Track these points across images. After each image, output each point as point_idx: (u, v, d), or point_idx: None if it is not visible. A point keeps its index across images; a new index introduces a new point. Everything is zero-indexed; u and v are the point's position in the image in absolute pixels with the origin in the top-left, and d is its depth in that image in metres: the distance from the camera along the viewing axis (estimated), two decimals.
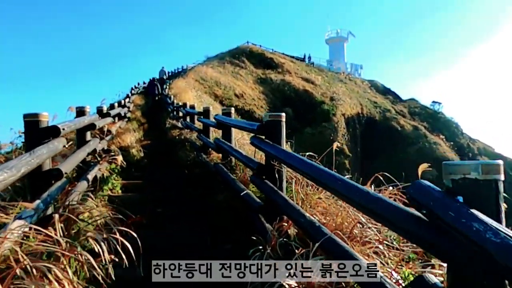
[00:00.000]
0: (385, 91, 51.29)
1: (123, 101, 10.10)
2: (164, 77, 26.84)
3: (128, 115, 11.71)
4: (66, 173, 2.90)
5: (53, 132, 2.71)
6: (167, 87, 21.23)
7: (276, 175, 2.97)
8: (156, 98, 19.32)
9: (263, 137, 3.14)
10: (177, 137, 8.57)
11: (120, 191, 4.70)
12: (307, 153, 3.43)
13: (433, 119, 46.22)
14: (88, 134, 4.28)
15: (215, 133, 6.11)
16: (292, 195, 2.98)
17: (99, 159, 4.66)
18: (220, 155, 4.97)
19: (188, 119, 8.24)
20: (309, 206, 2.82)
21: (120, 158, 4.88)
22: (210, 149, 5.66)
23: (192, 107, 7.98)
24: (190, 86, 23.20)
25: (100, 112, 5.95)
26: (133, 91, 18.52)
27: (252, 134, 3.60)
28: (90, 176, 3.82)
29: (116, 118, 7.87)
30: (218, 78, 27.93)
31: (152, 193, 4.67)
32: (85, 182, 3.46)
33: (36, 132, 2.59)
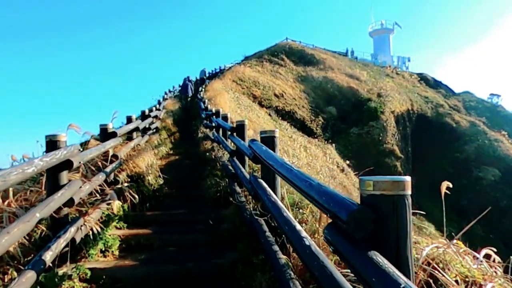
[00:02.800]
0: (436, 85, 47.56)
1: (147, 111, 8.83)
2: (204, 78, 25.89)
3: (157, 124, 10.49)
4: None
5: None
6: (203, 89, 20.04)
7: None
8: (188, 99, 18.30)
9: None
10: (207, 153, 7.14)
11: (117, 252, 3.27)
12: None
13: (492, 113, 42.27)
14: (64, 175, 2.90)
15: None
16: None
17: (87, 207, 3.28)
18: None
19: (220, 131, 6.79)
20: None
21: (116, 204, 3.46)
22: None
23: (225, 117, 6.49)
24: (227, 87, 21.91)
25: (104, 131, 4.63)
26: (166, 96, 17.40)
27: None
28: (56, 246, 2.40)
29: (134, 134, 6.57)
30: (256, 77, 26.44)
31: (162, 259, 3.19)
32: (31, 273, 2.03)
33: None
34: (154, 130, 9.78)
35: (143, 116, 8.55)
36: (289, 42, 37.12)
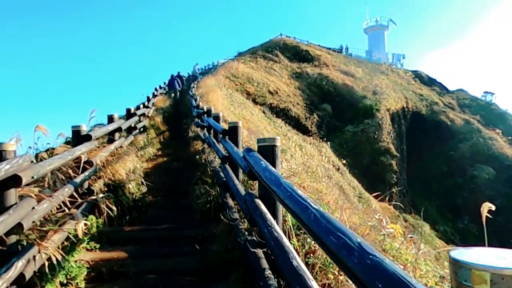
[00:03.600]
0: (431, 82, 47.35)
1: (132, 109, 8.17)
2: (197, 74, 25.30)
3: (145, 122, 9.86)
4: None
5: None
6: (195, 86, 19.40)
7: None
8: (177, 93, 17.88)
9: None
10: (197, 156, 6.55)
11: (83, 284, 2.68)
12: None
13: (486, 111, 42.20)
14: (11, 194, 2.28)
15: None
16: None
17: (52, 225, 2.69)
18: None
19: (212, 132, 6.17)
20: None
21: (81, 226, 2.86)
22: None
23: (217, 117, 5.86)
24: (220, 84, 21.27)
25: (76, 134, 4.00)
26: (156, 92, 16.71)
27: None
28: None
29: (117, 135, 5.93)
30: (250, 74, 25.82)
31: None
32: None
33: None
34: (141, 129, 9.17)
35: (128, 115, 7.91)
36: (284, 38, 36.50)
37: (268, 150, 2.32)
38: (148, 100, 12.83)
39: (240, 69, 25.97)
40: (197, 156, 6.50)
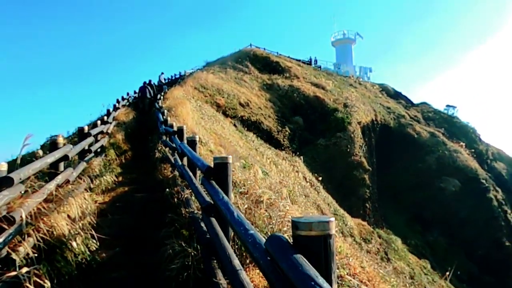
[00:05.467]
0: (396, 95, 48.29)
1: (86, 128, 6.67)
2: (163, 84, 23.84)
3: (104, 141, 8.43)
4: None
5: None
6: (162, 97, 17.99)
7: None
8: (146, 101, 16.56)
9: None
10: (168, 190, 5.29)
11: None
12: None
13: (449, 124, 43.44)
14: None
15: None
16: None
17: None
18: None
19: (186, 161, 4.92)
20: None
21: None
22: None
23: (192, 142, 4.63)
24: (189, 95, 19.95)
25: None
26: (118, 104, 15.10)
27: None
28: None
29: (62, 165, 4.53)
30: (220, 85, 24.66)
31: None
32: None
33: None
34: (99, 150, 7.76)
35: (81, 135, 6.46)
36: (254, 49, 35.75)
37: None
38: (108, 113, 11.32)
39: (209, 80, 24.77)
40: (167, 190, 5.23)
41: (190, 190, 4.39)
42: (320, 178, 19.25)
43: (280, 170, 16.16)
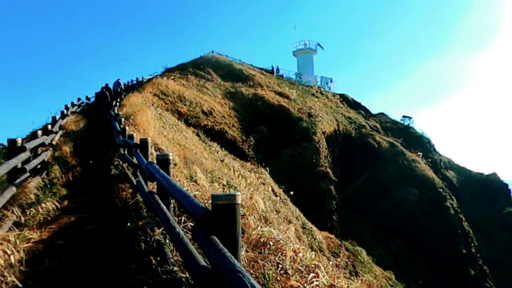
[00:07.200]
0: (356, 105, 48.97)
1: (19, 141, 5.16)
2: (119, 90, 21.98)
3: (46, 155, 6.88)
4: None
5: None
6: (118, 103, 16.31)
7: None
8: (102, 114, 14.86)
9: None
10: (129, 224, 4.00)
11: None
12: None
13: (406, 134, 44.55)
14: None
15: None
16: None
17: None
18: None
19: (156, 186, 3.71)
20: None
21: None
22: None
23: (164, 161, 3.48)
24: (148, 102, 18.39)
25: None
26: (67, 111, 13.25)
27: None
28: None
29: None
30: (181, 92, 23.23)
31: None
32: None
33: None
34: (39, 167, 6.24)
35: (12, 150, 4.91)
36: (216, 56, 34.60)
37: None
38: (54, 121, 9.64)
39: (170, 86, 23.25)
40: (129, 224, 3.93)
41: (163, 230, 3.15)
42: (291, 192, 18.33)
43: (249, 184, 15.07)
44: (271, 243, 3.17)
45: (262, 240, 3.19)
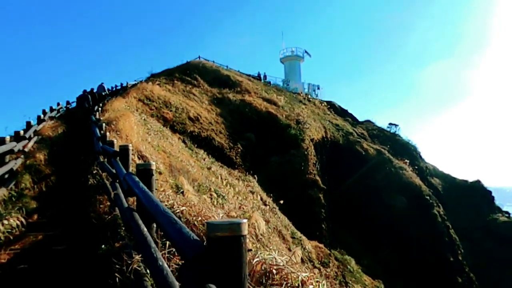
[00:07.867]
0: (343, 113, 48.98)
1: None
2: (103, 94, 21.22)
3: (15, 164, 6.20)
4: None
5: None
6: (100, 108, 15.58)
7: None
8: (80, 118, 14.13)
9: None
10: (104, 246, 3.41)
11: None
12: None
13: (392, 142, 44.67)
14: None
15: None
16: None
17: None
18: None
19: (136, 201, 3.17)
20: None
21: None
22: None
23: (146, 171, 2.96)
24: (132, 107, 17.70)
25: None
26: (44, 116, 12.47)
27: None
28: None
29: None
30: (167, 97, 22.59)
31: None
32: None
33: None
34: (6, 176, 5.57)
35: None
36: (202, 61, 34.07)
37: None
38: (28, 127, 8.92)
39: (155, 92, 22.57)
40: (104, 246, 3.34)
41: (141, 257, 2.58)
42: (281, 201, 17.82)
43: (237, 192, 14.51)
44: (274, 271, 2.64)
45: (263, 267, 2.66)
